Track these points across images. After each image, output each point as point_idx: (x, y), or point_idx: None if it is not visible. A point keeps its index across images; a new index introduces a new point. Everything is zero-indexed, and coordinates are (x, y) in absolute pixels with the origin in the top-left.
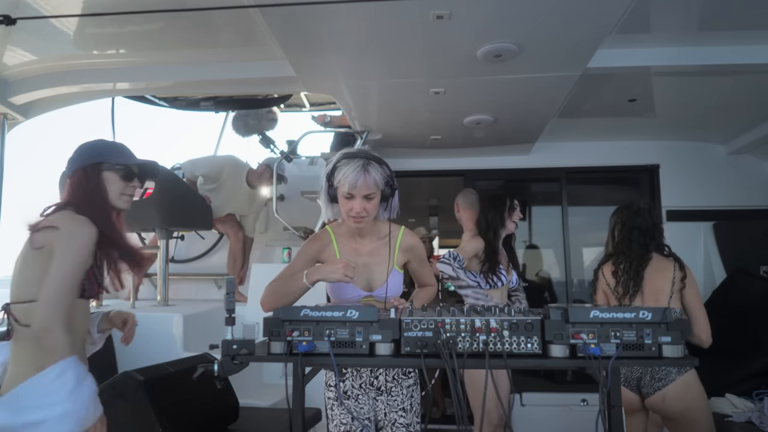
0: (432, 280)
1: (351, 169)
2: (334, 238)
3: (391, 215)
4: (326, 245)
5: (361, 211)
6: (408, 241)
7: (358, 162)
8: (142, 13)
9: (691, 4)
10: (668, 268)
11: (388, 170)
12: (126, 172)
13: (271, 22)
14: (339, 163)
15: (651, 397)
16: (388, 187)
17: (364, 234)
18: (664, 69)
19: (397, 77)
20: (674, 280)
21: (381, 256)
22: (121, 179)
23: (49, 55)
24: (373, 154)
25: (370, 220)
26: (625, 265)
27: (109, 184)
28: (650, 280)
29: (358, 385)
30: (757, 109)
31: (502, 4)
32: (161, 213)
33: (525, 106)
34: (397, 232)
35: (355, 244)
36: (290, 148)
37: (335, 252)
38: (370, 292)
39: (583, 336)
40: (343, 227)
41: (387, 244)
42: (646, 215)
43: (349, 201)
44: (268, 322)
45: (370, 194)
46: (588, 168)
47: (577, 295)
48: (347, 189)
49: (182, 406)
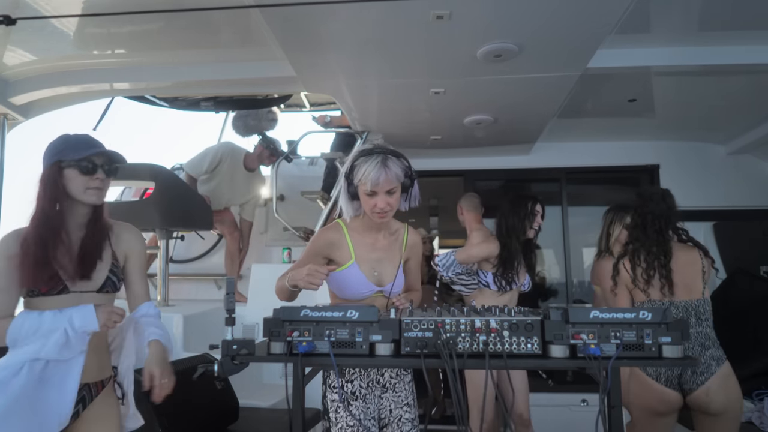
0: (418, 285)
1: (371, 167)
2: (347, 232)
3: (412, 204)
4: (338, 240)
5: (385, 206)
6: (413, 239)
7: (377, 158)
8: (142, 13)
9: (691, 4)
10: (696, 259)
11: (405, 161)
12: (85, 165)
13: (271, 22)
14: (357, 162)
15: (695, 392)
16: (407, 179)
17: (380, 229)
18: (664, 69)
19: (397, 77)
20: (704, 270)
21: (392, 251)
22: (81, 174)
23: (49, 55)
24: (389, 148)
25: (393, 213)
26: (644, 254)
27: (70, 182)
28: (680, 273)
29: (366, 384)
30: (757, 109)
31: (502, 5)
32: (161, 213)
33: (525, 106)
34: (404, 229)
35: (369, 239)
36: (290, 149)
37: (349, 247)
38: (380, 287)
39: (583, 336)
40: (357, 222)
41: (398, 240)
42: (659, 200)
43: (372, 198)
44: (268, 322)
45: (392, 189)
46: (588, 168)
47: (577, 296)
48: (369, 187)
49: (182, 406)
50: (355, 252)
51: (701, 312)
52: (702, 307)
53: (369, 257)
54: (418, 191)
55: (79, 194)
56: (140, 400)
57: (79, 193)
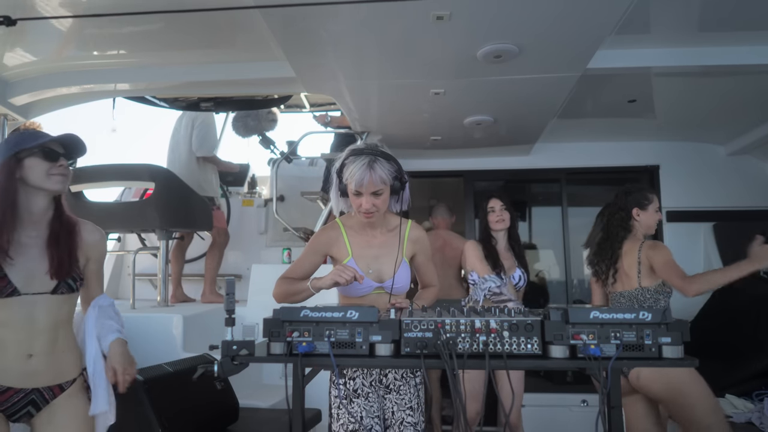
0: (435, 281)
1: (357, 168)
2: (344, 231)
3: (402, 207)
4: (336, 238)
5: (370, 207)
6: (415, 233)
7: (364, 160)
8: (142, 14)
9: (691, 5)
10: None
11: (395, 165)
12: (46, 151)
13: (271, 23)
14: (347, 160)
15: (628, 375)
16: (396, 181)
17: (375, 226)
18: (664, 70)
19: (397, 78)
20: (639, 260)
21: (391, 247)
22: (43, 160)
23: (49, 55)
24: (380, 150)
25: (381, 214)
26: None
27: (32, 170)
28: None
29: (369, 383)
30: (757, 109)
31: (502, 5)
32: (161, 213)
33: (525, 106)
34: (405, 225)
35: (365, 237)
36: (290, 149)
37: (346, 245)
38: (380, 284)
39: (583, 337)
40: (353, 220)
41: (396, 236)
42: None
43: (358, 198)
44: (268, 322)
45: (377, 191)
46: (588, 169)
47: (577, 296)
48: (354, 187)
49: (182, 406)
50: (352, 249)
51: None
52: (641, 296)
53: (366, 254)
54: (409, 196)
55: (41, 181)
56: (140, 400)
57: (41, 180)
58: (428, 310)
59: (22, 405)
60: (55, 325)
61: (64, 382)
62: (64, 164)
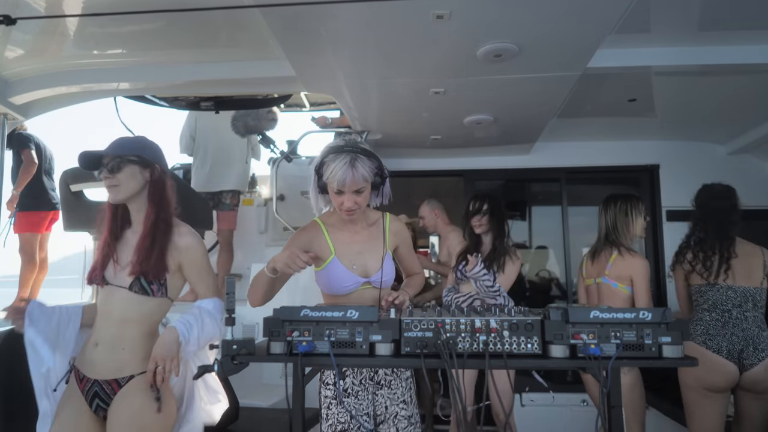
0: (419, 268)
1: (338, 166)
2: (325, 228)
3: (383, 202)
4: (316, 236)
5: (352, 205)
6: (396, 225)
7: (345, 158)
8: (142, 13)
9: (691, 4)
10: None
11: (376, 161)
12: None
13: (271, 22)
14: (326, 158)
15: (755, 367)
16: (377, 177)
17: (356, 222)
18: (664, 69)
19: (397, 77)
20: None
21: (374, 241)
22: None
23: (49, 55)
24: (360, 146)
25: (362, 211)
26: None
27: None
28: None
29: (359, 381)
30: (757, 109)
31: (502, 5)
32: None
33: (525, 106)
34: (385, 218)
35: (347, 233)
36: (290, 148)
37: (328, 242)
38: (367, 278)
39: (583, 336)
40: (334, 217)
41: (378, 230)
42: (724, 197)
43: (339, 196)
44: (268, 322)
45: (359, 189)
46: (588, 168)
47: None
48: (336, 186)
49: None
50: (335, 247)
51: (758, 299)
52: (759, 295)
53: (349, 251)
54: (389, 190)
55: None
56: None
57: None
58: (428, 310)
59: (92, 395)
60: (123, 320)
61: (120, 378)
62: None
